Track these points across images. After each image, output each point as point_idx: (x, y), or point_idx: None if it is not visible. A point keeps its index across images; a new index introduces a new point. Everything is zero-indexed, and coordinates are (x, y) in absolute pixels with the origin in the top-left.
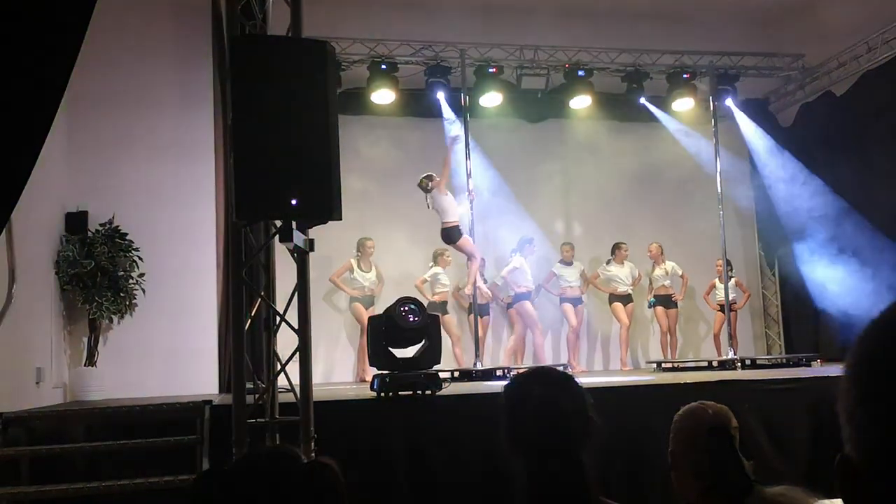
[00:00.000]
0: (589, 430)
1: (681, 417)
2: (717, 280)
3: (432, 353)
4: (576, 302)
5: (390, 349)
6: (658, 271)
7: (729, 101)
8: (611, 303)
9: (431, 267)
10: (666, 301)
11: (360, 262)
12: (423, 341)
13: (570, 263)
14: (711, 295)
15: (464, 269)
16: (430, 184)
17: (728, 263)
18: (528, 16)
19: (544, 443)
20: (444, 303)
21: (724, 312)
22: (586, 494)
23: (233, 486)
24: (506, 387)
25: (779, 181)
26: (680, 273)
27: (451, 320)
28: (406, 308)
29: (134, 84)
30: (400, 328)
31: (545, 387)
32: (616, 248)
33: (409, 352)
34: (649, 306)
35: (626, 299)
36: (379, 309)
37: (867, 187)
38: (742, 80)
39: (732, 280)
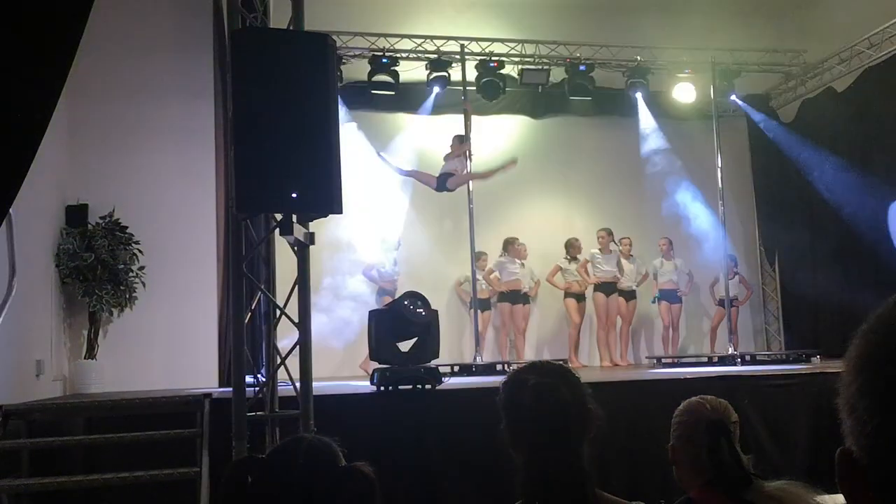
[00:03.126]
0: (588, 419)
1: (680, 412)
2: (721, 275)
3: (431, 347)
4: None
5: (397, 343)
6: (667, 266)
7: (733, 97)
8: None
9: (500, 256)
10: (671, 296)
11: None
12: (428, 334)
13: (628, 258)
14: (715, 288)
15: (465, 262)
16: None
17: (734, 259)
18: (529, 10)
19: (541, 431)
20: (515, 291)
21: (723, 307)
22: (582, 486)
23: (267, 478)
24: (505, 379)
25: (781, 176)
26: (687, 271)
27: (521, 310)
28: (414, 302)
29: (135, 77)
30: (407, 322)
31: (541, 376)
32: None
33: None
34: (653, 301)
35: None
36: None
37: (868, 183)
38: (743, 76)
39: (736, 277)
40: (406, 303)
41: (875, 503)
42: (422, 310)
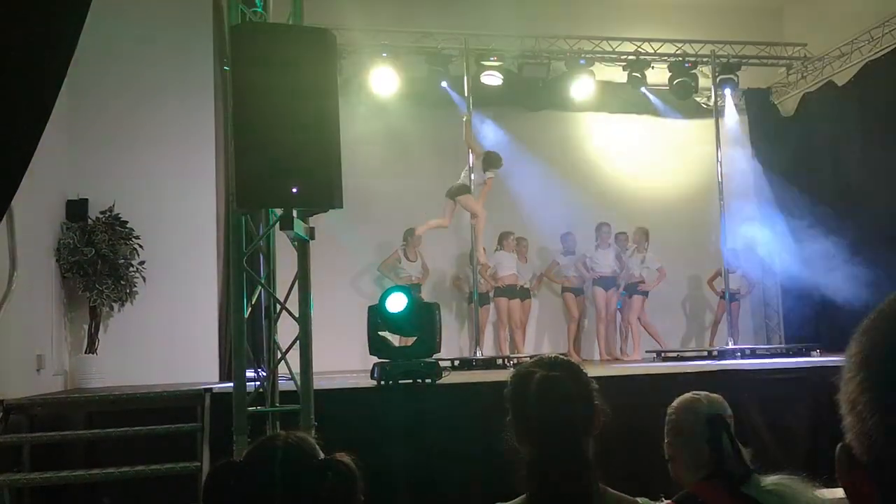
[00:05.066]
0: (593, 415)
1: (676, 409)
2: (721, 269)
3: (431, 341)
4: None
5: (384, 337)
6: (636, 258)
7: (727, 92)
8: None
9: (495, 251)
10: (632, 289)
11: (407, 251)
12: (424, 330)
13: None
14: (716, 282)
15: (464, 257)
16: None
17: (734, 253)
18: (529, 4)
19: (546, 425)
20: (512, 286)
21: (724, 300)
22: (586, 481)
23: (248, 479)
24: (512, 372)
25: (781, 170)
26: (657, 266)
27: (518, 305)
28: (392, 296)
29: (135, 71)
30: (387, 316)
31: (548, 369)
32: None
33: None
34: (623, 293)
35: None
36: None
37: (868, 178)
38: (744, 70)
39: (738, 271)
40: (386, 298)
41: (875, 499)
42: (395, 305)
